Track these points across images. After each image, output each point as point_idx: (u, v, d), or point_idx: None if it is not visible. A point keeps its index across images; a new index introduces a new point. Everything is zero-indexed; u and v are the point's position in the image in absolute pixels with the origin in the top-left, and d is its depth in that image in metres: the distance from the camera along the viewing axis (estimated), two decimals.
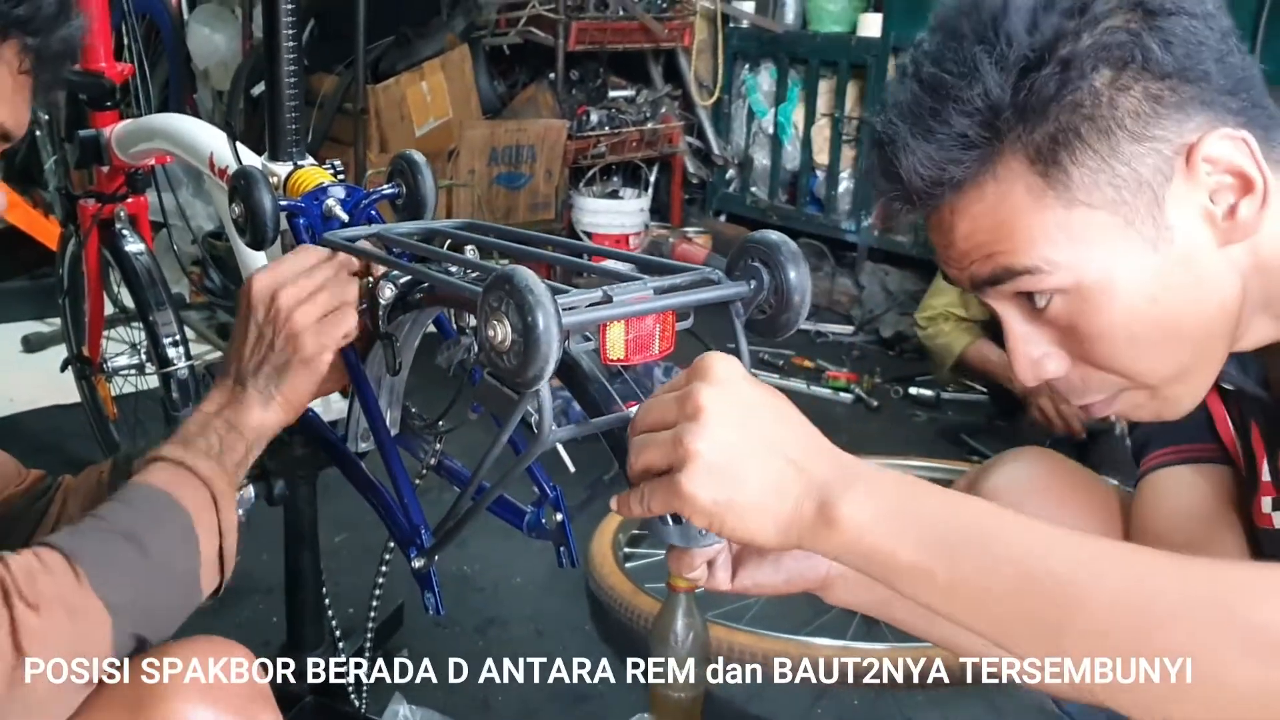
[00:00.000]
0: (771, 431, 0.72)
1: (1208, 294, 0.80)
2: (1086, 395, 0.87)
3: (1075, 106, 0.77)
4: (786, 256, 0.92)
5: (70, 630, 0.79)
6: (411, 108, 3.40)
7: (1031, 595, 0.66)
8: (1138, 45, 0.76)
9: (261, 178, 1.20)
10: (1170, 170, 0.78)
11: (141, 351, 2.26)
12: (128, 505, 0.90)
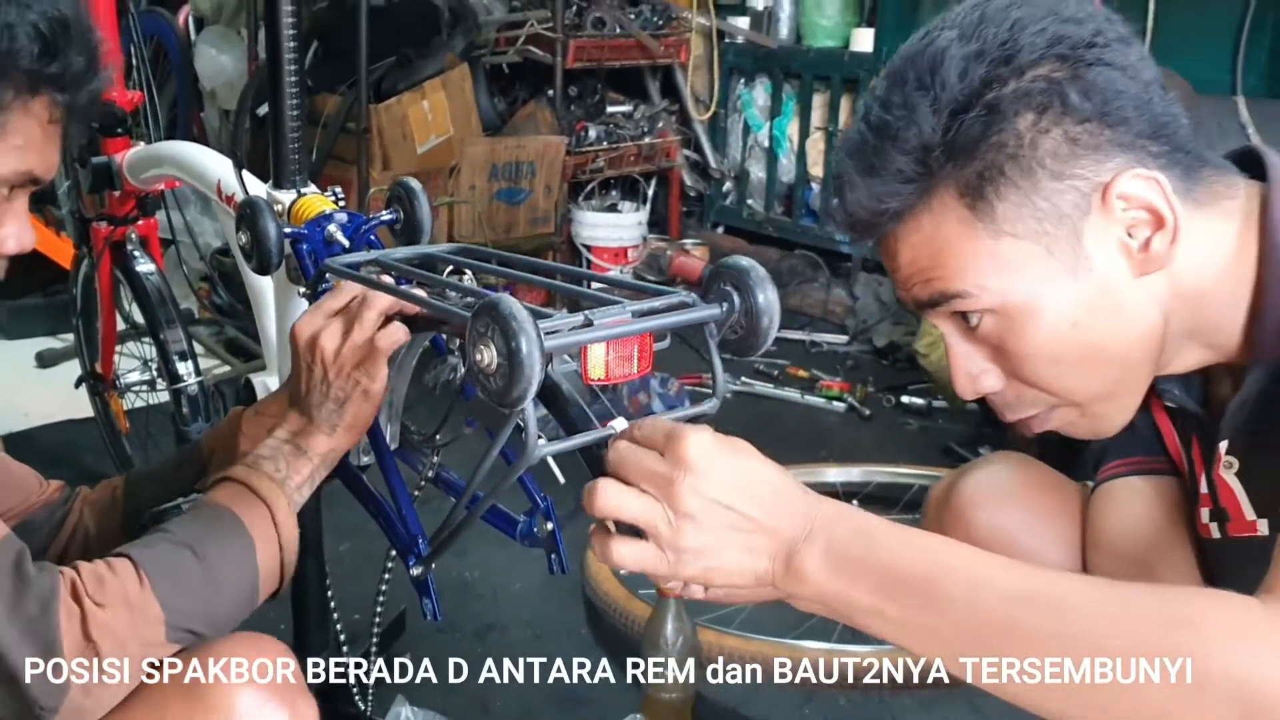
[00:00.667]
0: (744, 503, 0.79)
1: (1128, 320, 0.88)
2: (1020, 410, 0.95)
3: (1000, 146, 0.85)
4: (755, 281, 0.99)
5: (130, 624, 0.92)
6: (413, 126, 3.47)
7: (974, 637, 0.74)
8: (1057, 93, 0.84)
9: (266, 207, 1.28)
10: (1088, 205, 0.85)
11: (153, 368, 2.34)
12: (194, 520, 1.03)
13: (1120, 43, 0.87)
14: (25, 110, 0.97)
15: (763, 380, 3.33)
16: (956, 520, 1.23)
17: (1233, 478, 0.97)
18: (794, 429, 3.08)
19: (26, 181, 1.01)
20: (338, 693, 1.72)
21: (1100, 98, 0.84)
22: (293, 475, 1.10)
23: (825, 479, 2.55)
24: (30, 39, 0.94)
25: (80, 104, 1.02)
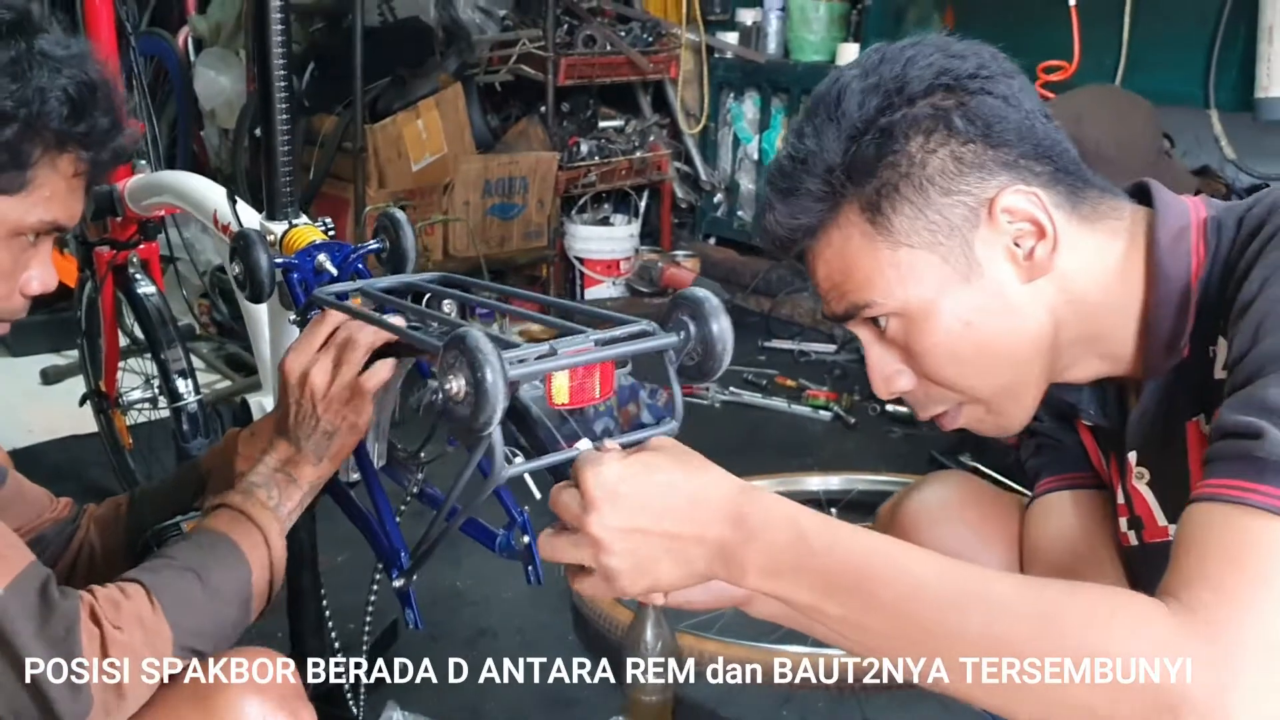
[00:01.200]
0: (656, 522, 0.87)
1: (1018, 321, 0.97)
2: (931, 407, 1.04)
3: (894, 166, 0.95)
4: (710, 311, 1.06)
5: (144, 643, 1.00)
6: (408, 145, 3.55)
7: (907, 637, 0.81)
8: (942, 118, 0.94)
9: (259, 239, 1.35)
10: (976, 218, 0.95)
11: (154, 385, 2.42)
12: (197, 546, 1.11)
13: (1004, 76, 0.97)
14: (52, 166, 1.06)
15: (751, 390, 3.41)
16: (904, 535, 1.28)
17: (1145, 487, 1.05)
18: (780, 437, 3.15)
19: (51, 229, 1.10)
20: (332, 696, 1.80)
21: (983, 122, 0.94)
22: (285, 503, 1.18)
23: (807, 487, 2.62)
24: (60, 102, 1.03)
25: (104, 160, 1.10)
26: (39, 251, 1.11)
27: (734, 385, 3.42)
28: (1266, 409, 0.80)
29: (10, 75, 1.00)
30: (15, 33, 1.02)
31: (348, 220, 3.55)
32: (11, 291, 1.10)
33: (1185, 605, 0.75)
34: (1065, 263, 0.96)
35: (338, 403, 1.19)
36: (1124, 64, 3.21)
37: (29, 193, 1.05)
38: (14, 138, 1.01)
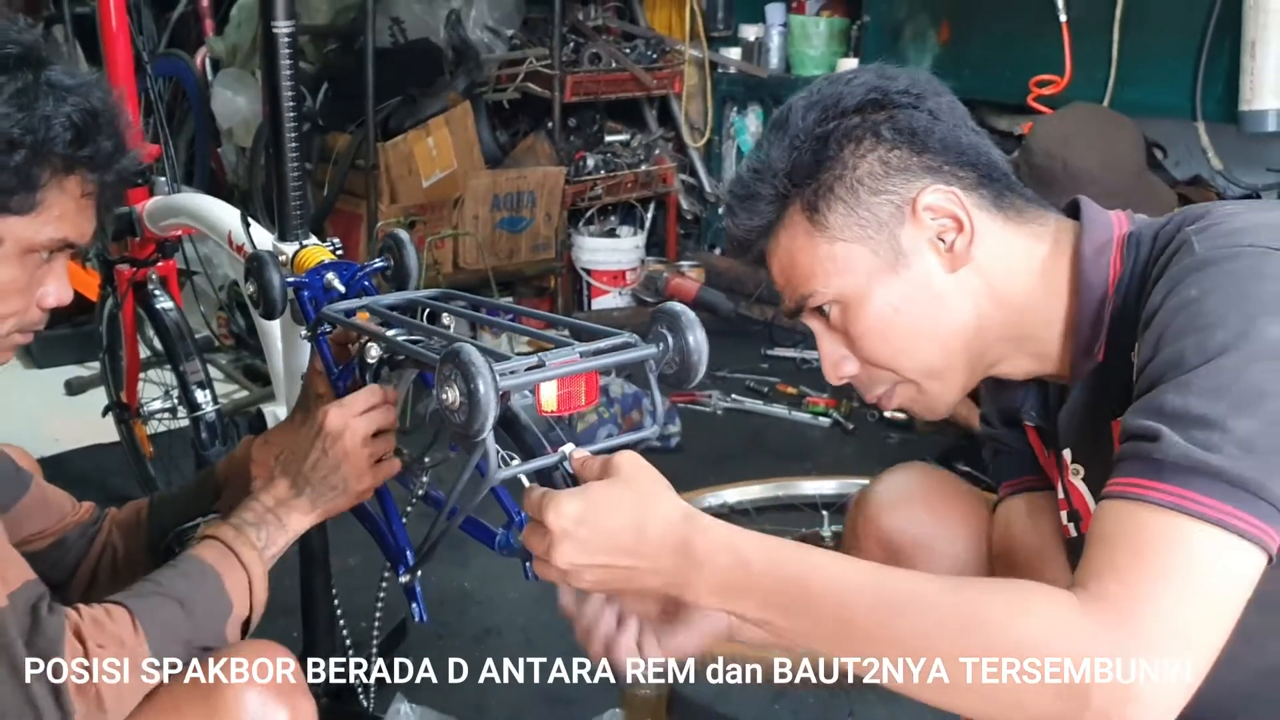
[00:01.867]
0: (618, 556, 0.97)
1: (943, 307, 1.08)
2: (874, 388, 1.15)
3: (829, 170, 1.08)
4: (687, 324, 1.16)
5: (123, 663, 1.06)
6: (419, 162, 3.66)
7: (847, 641, 0.91)
8: (871, 128, 1.06)
9: (272, 260, 1.45)
10: (902, 215, 1.07)
11: (174, 396, 2.52)
12: (184, 576, 1.17)
13: (933, 94, 1.09)
14: (60, 187, 1.14)
15: (753, 397, 3.49)
16: (867, 523, 1.40)
17: (1080, 482, 1.14)
18: (780, 443, 3.23)
19: (63, 246, 1.18)
20: (343, 692, 1.89)
21: (909, 131, 1.07)
22: (270, 546, 1.25)
23: (803, 491, 2.71)
24: (64, 128, 1.11)
25: (110, 180, 1.19)
26: (54, 268, 1.19)
27: (736, 392, 3.50)
28: (1164, 414, 0.88)
29: (17, 105, 1.08)
30: (23, 65, 1.10)
31: (360, 235, 3.66)
32: (29, 305, 1.18)
33: (1094, 596, 0.83)
34: (986, 256, 1.07)
35: (357, 467, 1.28)
36: (1113, 78, 3.29)
37: (39, 213, 1.12)
38: (22, 162, 1.09)
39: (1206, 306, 0.91)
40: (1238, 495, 0.83)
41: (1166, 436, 0.87)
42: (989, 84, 3.65)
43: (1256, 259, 0.92)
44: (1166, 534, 0.84)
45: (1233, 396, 0.86)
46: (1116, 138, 2.64)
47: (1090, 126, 2.67)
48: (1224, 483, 0.84)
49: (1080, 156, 2.55)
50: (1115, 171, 2.55)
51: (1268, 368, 0.87)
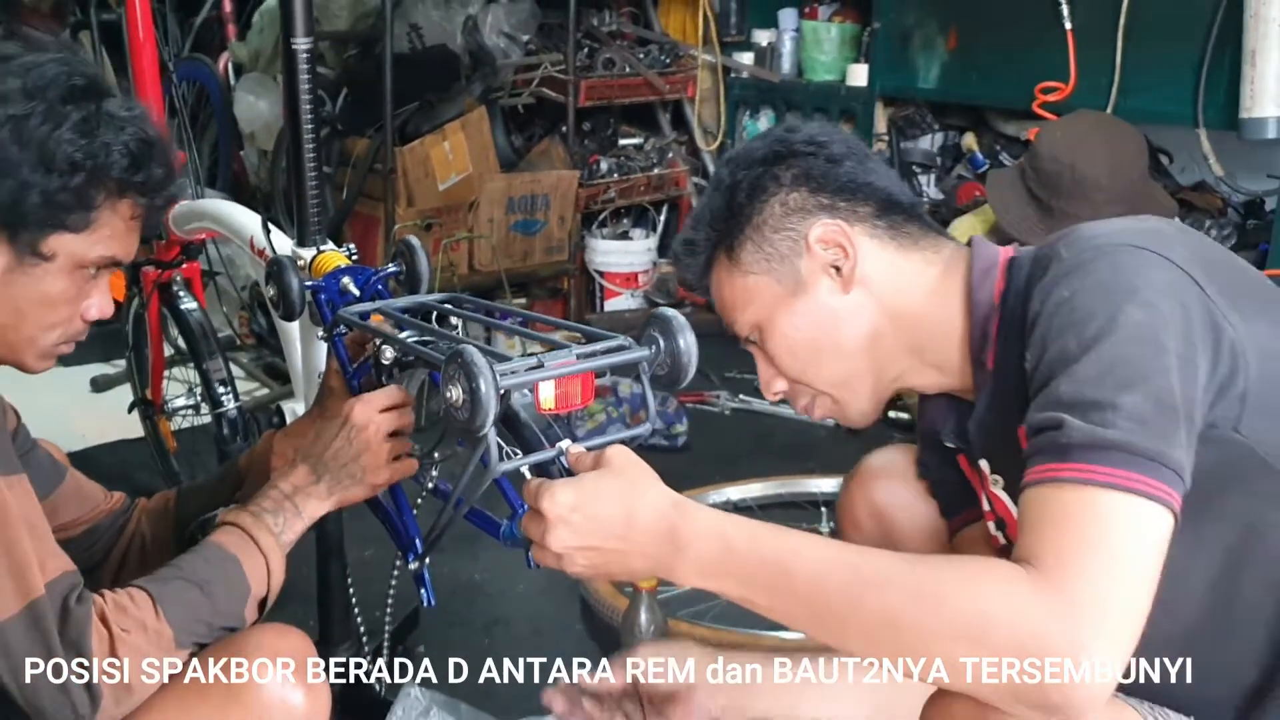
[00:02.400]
0: (608, 540, 1.05)
1: (842, 324, 1.23)
2: (799, 400, 1.30)
3: (739, 215, 1.26)
4: (677, 328, 1.24)
5: (147, 645, 1.15)
6: (435, 165, 3.74)
7: (816, 615, 0.99)
8: (773, 177, 1.23)
9: (291, 265, 1.54)
10: (799, 248, 1.24)
11: (197, 394, 2.61)
12: (204, 561, 1.26)
13: (834, 142, 1.25)
14: (113, 209, 1.24)
15: (760, 397, 3.56)
16: (860, 490, 1.53)
17: (1001, 491, 1.24)
18: (786, 443, 3.30)
19: (110, 264, 1.28)
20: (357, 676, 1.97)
21: (805, 176, 1.24)
22: (287, 532, 1.34)
23: (805, 489, 2.78)
24: (122, 155, 1.21)
25: (158, 205, 1.29)
26: (99, 283, 1.28)
27: (744, 393, 3.57)
28: (1061, 404, 0.98)
29: (80, 132, 1.18)
30: (87, 95, 1.20)
31: (378, 237, 3.75)
32: (74, 316, 1.27)
33: (1036, 569, 0.92)
34: (877, 277, 1.22)
35: (375, 459, 1.37)
36: (1117, 85, 3.34)
37: (92, 231, 1.22)
38: (82, 184, 1.19)
39: (1079, 303, 1.03)
40: (1139, 463, 0.94)
41: (1068, 422, 0.97)
42: (995, 90, 3.72)
43: (1114, 255, 1.04)
44: (1084, 506, 0.94)
45: (1116, 378, 0.97)
46: (1121, 145, 2.71)
47: (1096, 133, 2.74)
48: (1125, 453, 0.94)
49: (1087, 163, 2.62)
50: (1120, 178, 2.62)
51: (1140, 348, 0.98)
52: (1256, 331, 1.03)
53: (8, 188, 1.17)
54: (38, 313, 1.24)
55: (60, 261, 1.22)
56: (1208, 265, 1.06)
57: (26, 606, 1.08)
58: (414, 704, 1.91)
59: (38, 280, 1.22)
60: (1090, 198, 2.56)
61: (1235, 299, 1.04)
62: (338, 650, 2.00)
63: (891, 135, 4.10)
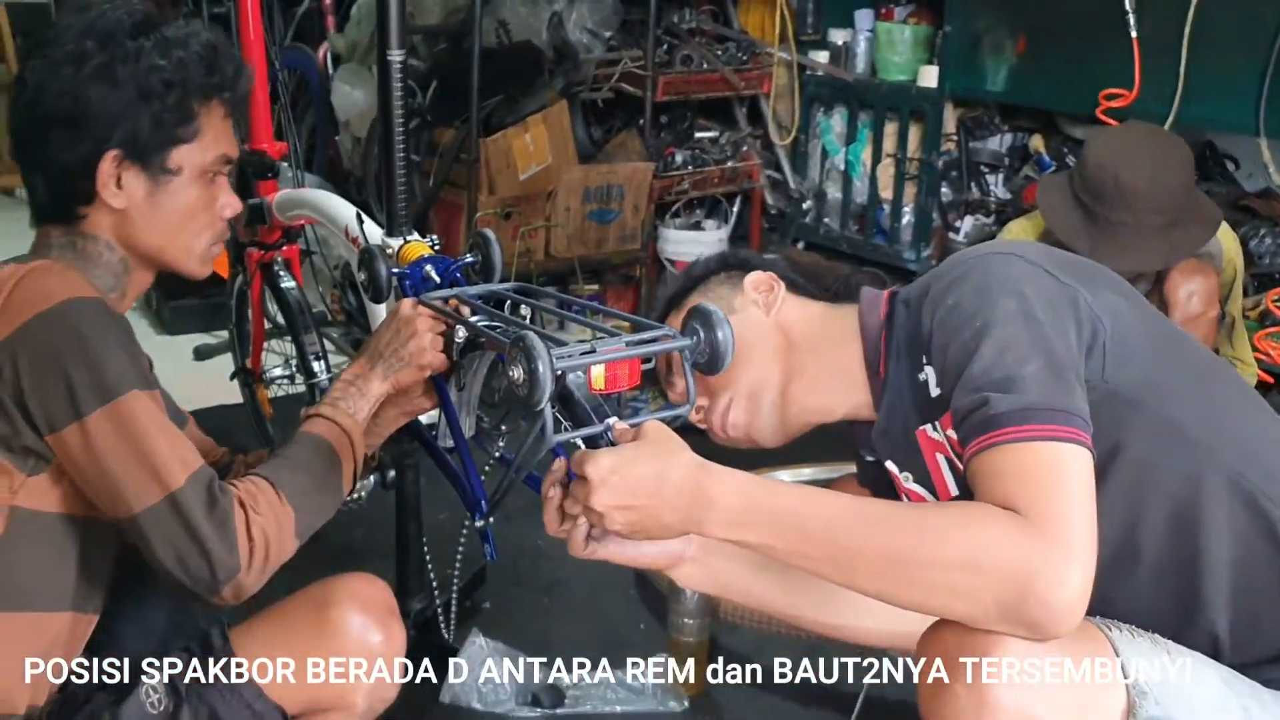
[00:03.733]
0: (642, 497, 1.21)
1: (761, 342, 1.48)
2: (713, 417, 1.51)
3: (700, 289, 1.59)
4: (716, 321, 1.40)
5: (275, 527, 1.35)
6: (517, 156, 3.94)
7: (830, 555, 1.16)
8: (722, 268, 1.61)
9: (380, 253, 1.73)
10: (735, 293, 1.54)
11: (292, 365, 2.84)
12: (303, 448, 1.48)
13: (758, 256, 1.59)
14: (208, 112, 1.47)
15: None
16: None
17: (913, 484, 1.40)
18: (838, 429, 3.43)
19: (225, 163, 1.51)
20: (429, 625, 2.18)
21: (743, 265, 1.60)
22: (359, 411, 1.56)
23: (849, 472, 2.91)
24: (197, 63, 1.43)
25: (240, 97, 1.52)
26: (221, 183, 1.51)
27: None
28: (979, 386, 1.18)
29: (160, 54, 1.40)
30: (146, 28, 1.42)
31: (461, 223, 3.96)
32: (214, 220, 1.51)
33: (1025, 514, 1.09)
34: (789, 313, 1.52)
35: (420, 344, 1.58)
36: (1180, 93, 3.41)
37: (200, 137, 1.45)
38: (178, 99, 1.42)
39: (965, 304, 1.25)
40: (1056, 415, 1.13)
41: (991, 398, 1.16)
42: (1061, 94, 3.81)
43: (981, 264, 1.28)
44: (1029, 459, 1.12)
45: (1013, 354, 1.18)
46: (1166, 156, 2.79)
47: (1142, 144, 2.83)
48: (1044, 410, 1.13)
49: (1130, 172, 2.71)
50: (1161, 188, 2.71)
51: (1021, 328, 1.19)
52: (1104, 299, 1.26)
53: (122, 125, 1.39)
54: (186, 222, 1.47)
55: (187, 172, 1.45)
56: (1056, 260, 1.30)
57: (168, 497, 1.29)
58: (478, 653, 2.12)
59: (174, 195, 1.45)
60: (1133, 207, 2.65)
61: (1083, 279, 1.27)
62: (412, 601, 2.20)
63: (960, 135, 4.20)
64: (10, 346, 1.28)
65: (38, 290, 1.31)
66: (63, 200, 1.43)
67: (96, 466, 1.29)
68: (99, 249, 1.44)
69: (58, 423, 1.28)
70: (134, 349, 1.35)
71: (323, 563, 2.51)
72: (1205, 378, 1.34)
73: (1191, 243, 2.74)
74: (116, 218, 1.43)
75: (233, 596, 1.32)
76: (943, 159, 4.22)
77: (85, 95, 1.37)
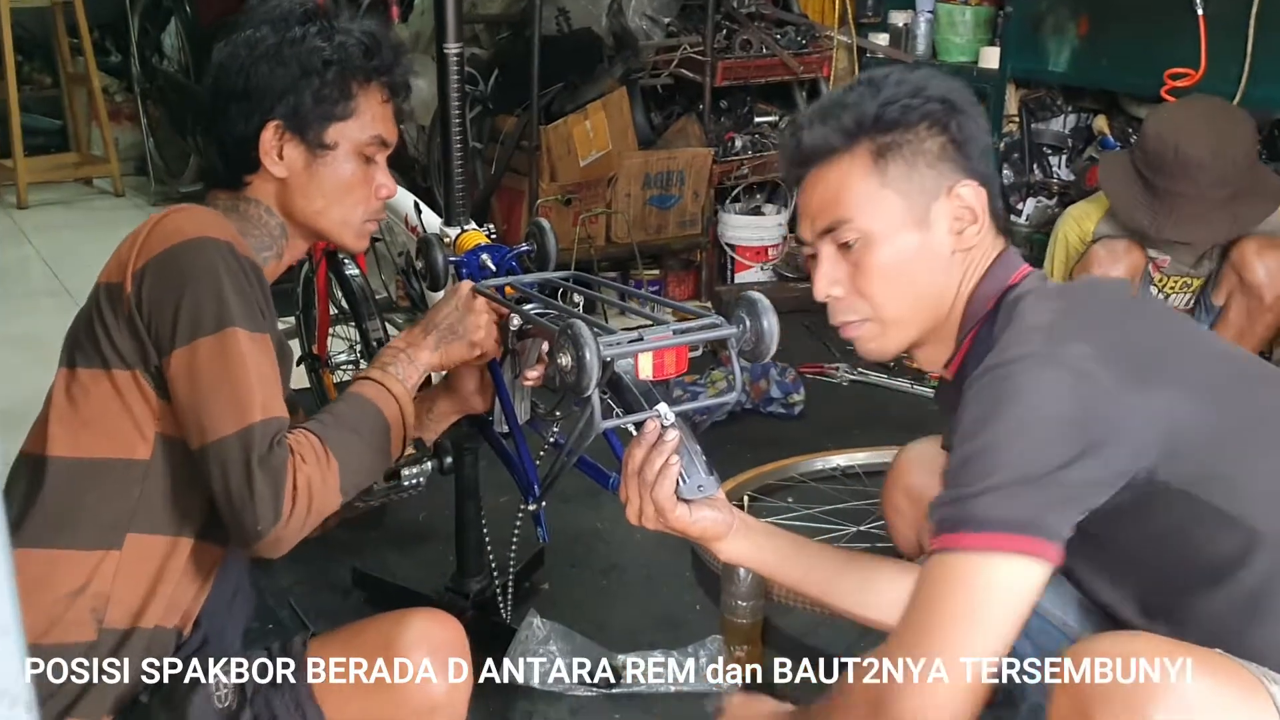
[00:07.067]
0: None
1: (936, 273, 1.37)
2: (842, 315, 1.42)
3: (905, 132, 1.35)
4: (762, 310, 1.43)
5: (321, 481, 1.39)
6: (577, 143, 3.98)
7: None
8: (943, 119, 1.36)
9: (438, 242, 1.79)
10: (939, 192, 1.35)
11: (357, 350, 2.91)
12: (352, 407, 1.51)
13: (978, 114, 1.39)
14: (367, 94, 1.57)
15: (878, 371, 3.71)
16: (898, 477, 1.80)
17: None
18: (900, 415, 3.44)
19: (380, 144, 1.59)
20: (488, 605, 2.24)
21: (965, 135, 1.37)
22: (408, 379, 1.59)
23: None
24: (357, 46, 1.55)
25: (399, 81, 1.62)
26: (379, 166, 1.60)
27: (863, 366, 3.72)
28: (945, 478, 1.21)
29: (323, 38, 1.52)
30: (315, 15, 1.54)
31: (522, 209, 4.01)
32: (369, 196, 1.60)
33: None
34: (975, 251, 1.37)
35: (475, 320, 1.63)
36: (1248, 72, 3.36)
37: (358, 116, 1.55)
38: (336, 77, 1.53)
39: (984, 395, 1.21)
40: (1008, 525, 1.14)
41: (952, 495, 1.19)
42: (1125, 75, 3.77)
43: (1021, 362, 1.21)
44: (950, 572, 1.17)
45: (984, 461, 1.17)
46: (1228, 129, 2.77)
47: (1203, 117, 2.81)
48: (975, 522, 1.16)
49: (1190, 144, 2.69)
50: (1223, 159, 2.69)
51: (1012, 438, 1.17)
52: (1157, 399, 1.20)
53: (286, 100, 1.52)
54: (341, 195, 1.57)
55: (344, 147, 1.55)
56: (1118, 347, 1.22)
57: (241, 430, 1.34)
58: (535, 632, 2.16)
59: (332, 168, 1.55)
60: (1194, 178, 2.64)
61: (1143, 374, 1.21)
62: (471, 582, 2.26)
63: (1022, 117, 4.17)
64: (142, 273, 1.39)
65: (175, 226, 1.42)
66: (231, 167, 1.56)
67: (192, 390, 1.37)
68: (259, 212, 1.56)
69: (174, 343, 1.37)
70: (254, 292, 1.43)
71: (387, 544, 2.59)
72: (1270, 426, 1.28)
73: (1256, 215, 2.72)
74: (277, 185, 1.56)
75: (270, 548, 1.37)
76: (1004, 141, 4.19)
77: (255, 71, 1.52)
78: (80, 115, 6.23)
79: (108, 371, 1.42)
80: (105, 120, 5.86)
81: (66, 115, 6.35)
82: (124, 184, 5.97)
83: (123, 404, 1.42)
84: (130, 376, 1.41)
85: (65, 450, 1.43)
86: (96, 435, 1.42)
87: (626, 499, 1.40)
